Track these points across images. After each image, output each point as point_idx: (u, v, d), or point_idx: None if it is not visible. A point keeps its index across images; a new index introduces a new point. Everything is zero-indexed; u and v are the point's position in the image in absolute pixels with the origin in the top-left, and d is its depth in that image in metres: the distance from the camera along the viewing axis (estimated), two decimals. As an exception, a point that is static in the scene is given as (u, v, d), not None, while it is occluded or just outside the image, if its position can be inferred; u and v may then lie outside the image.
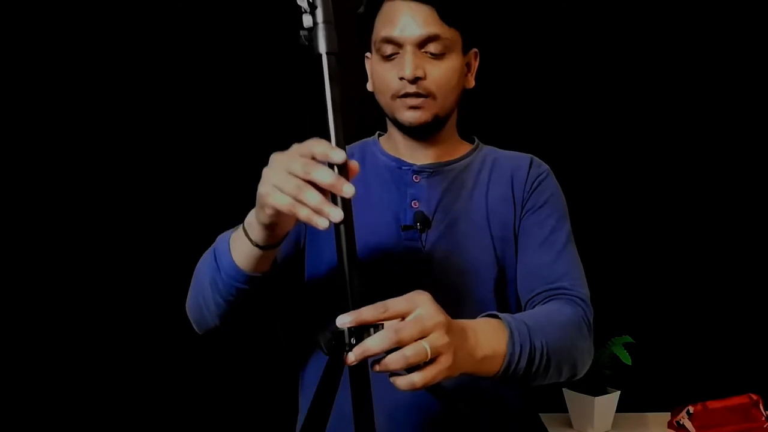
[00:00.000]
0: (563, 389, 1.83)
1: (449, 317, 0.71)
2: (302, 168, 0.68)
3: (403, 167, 1.05)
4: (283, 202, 0.69)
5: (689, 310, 2.03)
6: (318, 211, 0.68)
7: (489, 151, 1.11)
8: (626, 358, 1.74)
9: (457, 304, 0.98)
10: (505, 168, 1.06)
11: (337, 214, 0.68)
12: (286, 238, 0.86)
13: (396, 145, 1.07)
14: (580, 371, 0.92)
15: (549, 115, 2.01)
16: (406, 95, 0.97)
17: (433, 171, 1.05)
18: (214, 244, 0.90)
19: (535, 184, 1.04)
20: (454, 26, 0.97)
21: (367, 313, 0.66)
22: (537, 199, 1.03)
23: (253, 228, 0.80)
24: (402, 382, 0.67)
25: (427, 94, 0.98)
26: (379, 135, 1.13)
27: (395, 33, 0.96)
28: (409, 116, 0.99)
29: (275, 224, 0.77)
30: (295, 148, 0.72)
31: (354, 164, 0.71)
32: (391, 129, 1.08)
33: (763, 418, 1.75)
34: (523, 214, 1.03)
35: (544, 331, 0.83)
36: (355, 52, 1.05)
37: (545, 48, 2.02)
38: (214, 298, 0.87)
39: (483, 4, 1.05)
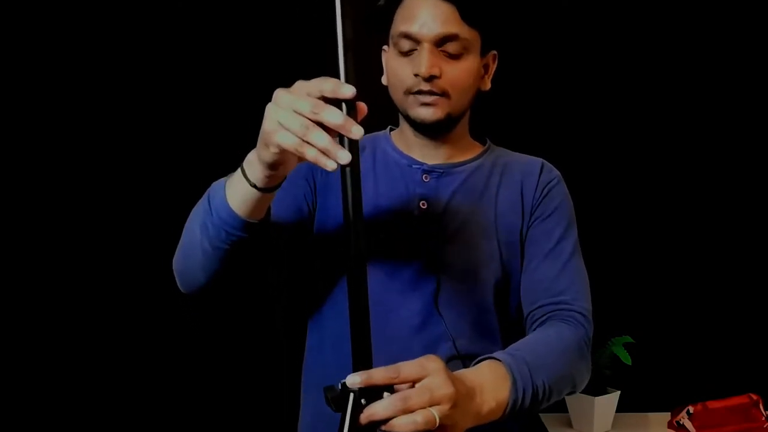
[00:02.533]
0: (563, 389, 1.83)
1: (457, 382, 0.70)
2: (310, 107, 0.66)
3: (414, 166, 1.04)
4: (289, 142, 0.67)
5: (689, 310, 2.03)
6: (326, 152, 0.66)
7: (500, 154, 1.10)
8: (626, 358, 1.74)
9: (459, 307, 0.98)
10: (516, 173, 1.05)
11: (345, 155, 0.66)
12: (288, 216, 0.85)
13: (407, 142, 1.06)
14: (579, 388, 0.94)
15: (550, 115, 2.01)
16: (420, 92, 0.96)
17: (443, 171, 1.03)
18: (207, 190, 0.86)
19: (545, 192, 1.03)
20: (475, 26, 0.96)
21: (378, 375, 0.66)
22: (546, 207, 1.03)
23: (254, 167, 0.76)
24: None
25: (441, 93, 0.96)
26: (391, 129, 1.12)
27: (414, 29, 0.94)
28: (421, 113, 0.98)
29: (278, 164, 0.74)
30: (301, 85, 0.69)
31: (362, 105, 0.69)
32: (403, 125, 1.07)
33: (763, 418, 1.75)
34: (531, 221, 1.02)
35: (545, 366, 0.84)
36: (370, 45, 1.03)
37: (558, 50, 2.02)
38: (203, 244, 0.82)
39: (504, 6, 1.03)
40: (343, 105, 0.68)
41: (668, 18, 2.02)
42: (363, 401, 0.65)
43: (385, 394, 0.66)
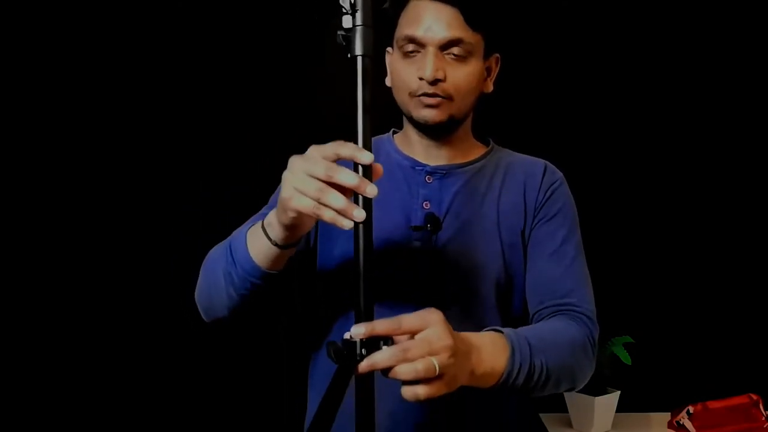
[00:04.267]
0: (563, 389, 1.83)
1: (456, 337, 0.73)
2: (324, 171, 0.69)
3: (417, 167, 1.05)
4: (306, 205, 0.70)
5: (689, 310, 2.03)
6: (342, 213, 0.69)
7: (503, 155, 1.10)
8: (626, 358, 1.74)
9: (461, 307, 0.98)
10: (519, 174, 1.05)
11: (360, 214, 0.69)
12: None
13: (410, 144, 1.07)
14: (579, 385, 0.95)
15: (552, 117, 2.02)
16: (424, 95, 0.97)
17: (446, 172, 1.04)
18: (228, 238, 0.91)
19: (549, 193, 1.04)
20: (478, 30, 0.97)
21: (381, 326, 0.68)
22: (549, 209, 1.03)
23: (274, 228, 0.81)
24: (408, 392, 0.69)
25: (445, 96, 0.97)
26: (394, 132, 1.13)
27: (419, 33, 0.95)
28: (425, 114, 0.98)
29: (297, 225, 0.78)
30: (315, 150, 0.72)
31: (378, 166, 0.73)
32: (407, 127, 1.07)
33: (763, 418, 1.75)
34: (534, 223, 1.03)
35: (547, 350, 0.85)
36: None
37: (561, 52, 2.03)
38: (228, 290, 0.88)
39: (507, 10, 1.04)
40: (360, 166, 0.71)
41: (669, 19, 2.02)
42: (363, 351, 0.68)
43: (385, 347, 0.68)
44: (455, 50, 0.96)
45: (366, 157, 0.70)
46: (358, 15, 0.73)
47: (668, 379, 1.97)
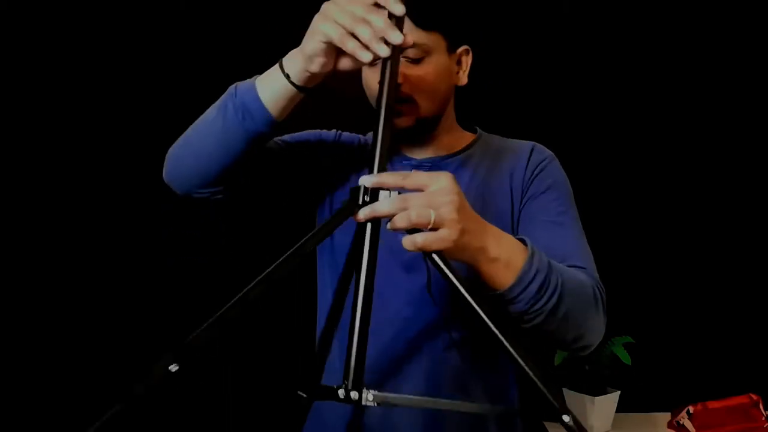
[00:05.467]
0: (563, 389, 1.83)
1: (466, 201, 0.74)
2: (361, 8, 0.75)
3: (403, 161, 1.05)
4: (335, 32, 0.75)
5: (689, 310, 2.03)
6: (367, 44, 0.74)
7: (492, 141, 1.09)
8: (626, 358, 1.74)
9: (451, 299, 0.98)
10: (505, 159, 1.04)
11: (384, 49, 0.74)
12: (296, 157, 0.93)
13: (396, 139, 1.07)
14: (588, 341, 0.89)
15: (550, 115, 2.01)
16: None
17: (431, 165, 1.04)
18: (232, 86, 0.89)
19: (537, 171, 1.02)
20: (431, 30, 0.95)
21: (388, 177, 0.71)
22: (539, 185, 1.01)
23: (293, 60, 0.82)
24: (406, 241, 0.70)
25: (406, 99, 0.96)
26: None
27: None
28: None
29: (318, 56, 0.79)
30: None
31: (408, 35, 0.76)
32: None
33: (763, 418, 1.75)
34: (524, 202, 1.01)
35: (563, 277, 0.82)
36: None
37: (549, 42, 2.02)
38: (215, 124, 0.87)
39: (462, 6, 1.02)
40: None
41: (665, 14, 2.02)
42: (367, 198, 0.70)
43: (386, 197, 0.71)
44: (410, 52, 0.94)
45: (398, 9, 0.75)
46: None
47: (668, 379, 1.97)
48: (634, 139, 2.04)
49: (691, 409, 1.75)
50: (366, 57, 0.74)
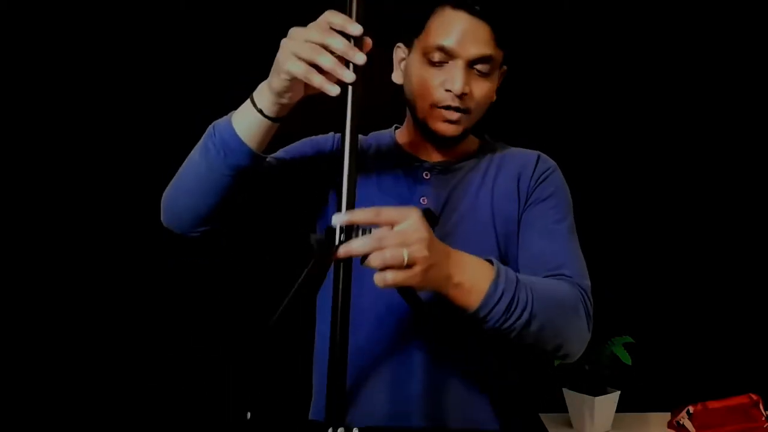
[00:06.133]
0: (563, 389, 1.83)
1: (434, 236, 0.76)
2: (318, 35, 0.75)
3: (416, 164, 1.07)
4: (299, 68, 0.75)
5: (689, 310, 2.03)
6: (331, 72, 0.74)
7: (497, 148, 1.11)
8: (626, 358, 1.74)
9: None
10: (512, 165, 1.07)
11: (349, 75, 0.74)
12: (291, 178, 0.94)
13: (411, 142, 1.09)
14: (570, 350, 0.92)
15: (550, 115, 2.01)
16: (448, 107, 0.98)
17: (442, 169, 1.06)
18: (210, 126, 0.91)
19: (541, 179, 1.05)
20: (504, 48, 0.99)
21: (360, 214, 0.73)
22: (541, 192, 1.04)
23: (263, 95, 0.84)
24: (377, 278, 0.72)
25: (466, 110, 0.99)
26: (396, 127, 1.14)
27: (451, 44, 0.95)
28: (443, 128, 1.00)
29: (287, 92, 0.81)
30: (312, 23, 0.77)
31: (368, 39, 0.77)
32: (410, 125, 1.08)
33: (763, 418, 1.75)
34: (526, 206, 1.03)
35: (534, 292, 0.85)
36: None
37: (560, 51, 2.03)
38: (199, 168, 0.88)
39: (526, 26, 1.05)
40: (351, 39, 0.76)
41: (667, 17, 2.02)
42: (343, 237, 0.73)
43: (362, 236, 0.73)
44: (481, 66, 0.97)
45: (355, 29, 0.75)
46: None
47: (668, 379, 1.97)
48: (634, 140, 2.05)
49: (691, 409, 1.75)
50: (334, 90, 0.74)
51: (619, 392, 1.80)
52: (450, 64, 0.97)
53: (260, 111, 0.84)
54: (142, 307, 1.91)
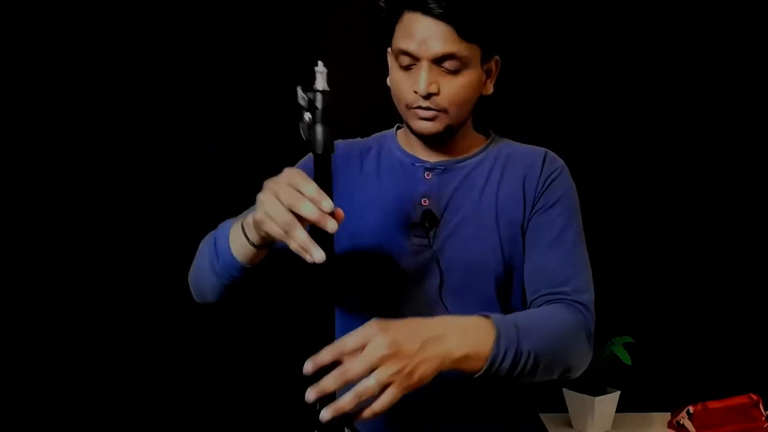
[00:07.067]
0: (563, 389, 1.83)
1: (402, 339, 0.74)
2: (288, 199, 0.74)
3: (416, 164, 1.06)
4: (275, 231, 0.75)
5: (689, 310, 2.03)
6: (305, 247, 0.73)
7: (503, 146, 1.10)
8: (626, 358, 1.74)
9: (461, 303, 0.98)
10: (518, 166, 1.05)
11: (318, 255, 0.73)
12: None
13: (411, 142, 1.08)
14: (574, 373, 0.93)
15: (553, 114, 2.01)
16: (419, 108, 0.98)
17: (444, 168, 1.05)
18: (216, 229, 0.96)
19: (548, 183, 1.03)
20: (473, 42, 0.97)
21: (324, 356, 0.73)
22: (548, 198, 1.03)
23: (251, 231, 0.84)
24: (366, 414, 0.73)
25: (440, 109, 0.98)
26: (398, 127, 1.14)
27: (412, 47, 0.95)
28: (420, 126, 1.00)
29: (267, 236, 0.82)
30: (286, 175, 0.76)
31: (340, 211, 0.76)
32: (407, 127, 1.08)
33: (763, 418, 1.75)
34: (533, 212, 1.02)
35: (536, 335, 0.85)
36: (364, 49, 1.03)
37: (562, 45, 2.03)
38: (211, 279, 0.94)
39: (502, 17, 1.03)
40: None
41: (665, 14, 2.02)
42: (318, 406, 0.72)
43: (328, 374, 0.73)
44: (448, 64, 0.96)
45: (326, 205, 0.73)
46: (318, 113, 0.75)
47: (668, 379, 1.97)
48: (635, 139, 2.05)
49: (691, 409, 1.75)
50: (310, 259, 0.74)
51: (619, 392, 1.80)
52: (417, 66, 0.97)
53: (252, 244, 0.86)
54: (145, 311, 1.91)
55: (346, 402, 0.71)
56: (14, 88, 1.85)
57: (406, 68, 0.98)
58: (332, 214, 0.74)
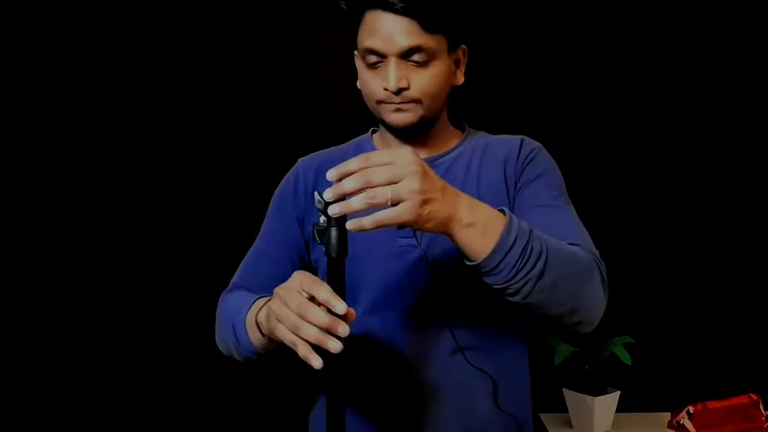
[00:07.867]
0: (563, 389, 1.83)
1: (433, 173, 0.75)
2: (296, 308, 0.74)
3: None
4: (286, 338, 0.76)
5: (689, 310, 2.03)
6: (319, 343, 0.72)
7: (479, 138, 1.10)
8: (626, 358, 1.74)
9: (454, 300, 0.98)
10: (497, 153, 1.05)
11: (335, 345, 0.72)
12: (286, 270, 0.97)
13: (388, 143, 1.08)
14: (586, 316, 0.88)
15: (550, 116, 2.01)
16: (392, 102, 0.98)
17: None
18: (233, 306, 0.98)
19: (528, 161, 1.03)
20: (438, 33, 0.97)
21: (351, 164, 0.72)
22: (530, 173, 1.02)
23: (265, 327, 0.86)
24: (366, 221, 0.72)
25: (412, 100, 0.98)
26: (373, 131, 1.14)
27: (378, 44, 0.96)
28: (395, 118, 1.00)
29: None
30: (296, 281, 0.76)
31: (352, 312, 0.74)
32: (383, 127, 1.09)
33: (763, 418, 1.75)
34: (517, 190, 1.02)
35: (549, 246, 0.81)
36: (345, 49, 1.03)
37: (543, 40, 2.02)
38: (236, 354, 0.98)
39: (464, 6, 1.03)
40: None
41: (665, 13, 2.02)
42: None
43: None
44: (416, 57, 0.96)
45: (339, 308, 0.72)
46: (332, 218, 0.75)
47: (668, 379, 1.97)
48: (633, 138, 2.04)
49: (691, 409, 1.75)
50: (316, 364, 0.73)
51: (619, 392, 1.80)
52: (384, 63, 0.97)
53: (263, 335, 0.88)
54: (145, 311, 1.91)
55: (355, 201, 0.71)
56: (14, 88, 1.85)
57: (374, 66, 0.98)
58: (344, 317, 0.73)
